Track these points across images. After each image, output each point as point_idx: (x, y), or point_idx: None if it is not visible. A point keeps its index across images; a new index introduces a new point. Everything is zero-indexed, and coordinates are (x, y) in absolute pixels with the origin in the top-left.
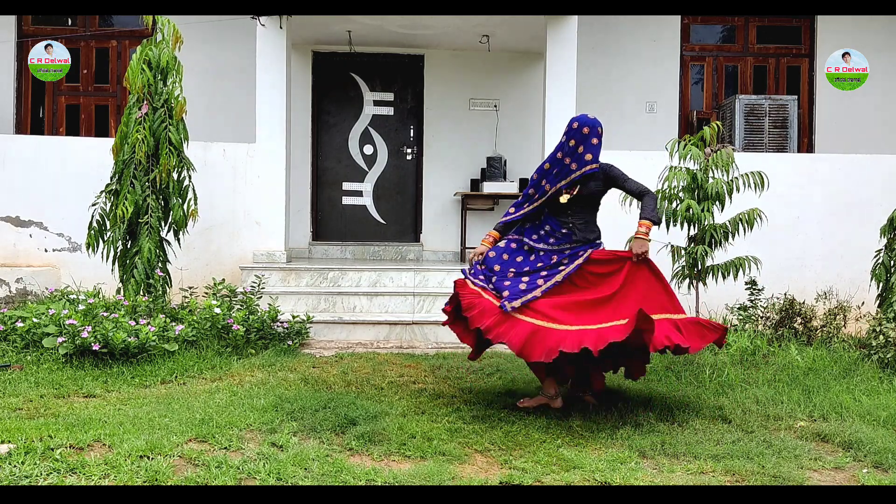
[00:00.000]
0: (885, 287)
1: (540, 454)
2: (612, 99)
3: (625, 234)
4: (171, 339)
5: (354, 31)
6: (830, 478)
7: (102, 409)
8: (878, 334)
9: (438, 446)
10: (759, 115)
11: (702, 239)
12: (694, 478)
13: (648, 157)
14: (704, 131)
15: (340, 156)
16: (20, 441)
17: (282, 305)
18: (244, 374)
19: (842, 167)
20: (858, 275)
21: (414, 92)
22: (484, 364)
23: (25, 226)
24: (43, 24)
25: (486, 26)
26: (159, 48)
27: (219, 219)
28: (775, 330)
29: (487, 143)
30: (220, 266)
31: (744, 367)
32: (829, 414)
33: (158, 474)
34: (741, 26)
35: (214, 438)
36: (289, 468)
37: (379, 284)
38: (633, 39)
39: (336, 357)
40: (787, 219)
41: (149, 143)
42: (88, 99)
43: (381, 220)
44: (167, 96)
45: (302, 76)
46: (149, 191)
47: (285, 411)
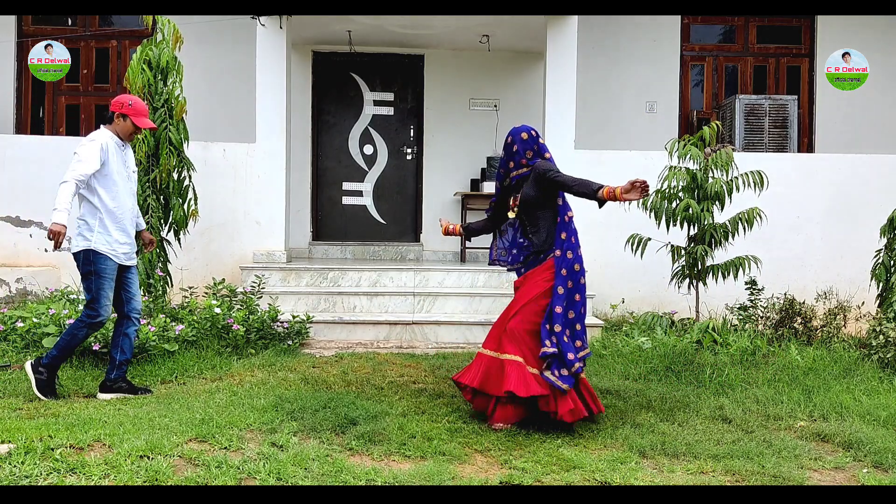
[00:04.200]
0: (885, 287)
1: (540, 454)
2: (612, 99)
3: (620, 232)
4: (171, 339)
5: (354, 31)
6: (830, 478)
7: (102, 409)
8: (878, 334)
9: (438, 446)
10: (759, 114)
11: (702, 238)
12: (694, 478)
13: (648, 156)
14: (704, 131)
15: (340, 156)
16: (20, 441)
17: (282, 305)
18: (244, 374)
19: (842, 167)
20: (858, 275)
21: (414, 92)
22: None
23: (25, 226)
24: (43, 24)
25: (486, 26)
26: (159, 48)
27: (219, 219)
28: (775, 330)
29: (487, 143)
30: (220, 266)
31: (744, 367)
32: (829, 414)
33: (158, 474)
34: (741, 26)
35: (214, 438)
36: (289, 468)
37: (379, 284)
38: (633, 39)
39: (336, 357)
40: (787, 219)
41: (149, 143)
42: (88, 99)
43: (381, 220)
44: (167, 96)
45: (302, 76)
46: (149, 191)
47: (285, 411)
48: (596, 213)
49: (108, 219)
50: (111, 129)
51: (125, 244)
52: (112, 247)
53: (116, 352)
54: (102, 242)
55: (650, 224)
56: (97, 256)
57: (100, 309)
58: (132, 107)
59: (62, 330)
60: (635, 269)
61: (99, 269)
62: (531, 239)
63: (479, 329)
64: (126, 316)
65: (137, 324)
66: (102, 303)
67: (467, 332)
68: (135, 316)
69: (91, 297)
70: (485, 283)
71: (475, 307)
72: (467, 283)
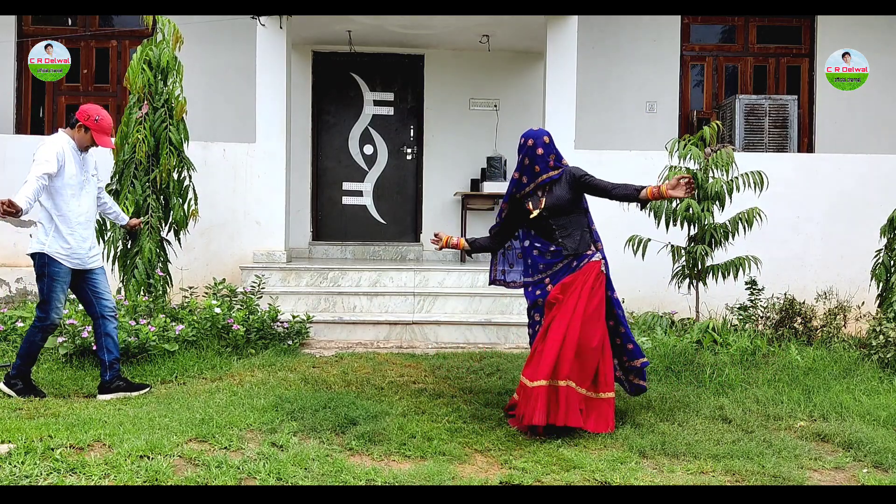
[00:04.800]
0: (885, 287)
1: (540, 454)
2: (612, 99)
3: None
4: (172, 339)
5: (354, 31)
6: (830, 478)
7: (102, 409)
8: (878, 334)
9: (438, 446)
10: (759, 114)
11: (702, 238)
12: (694, 478)
13: (648, 156)
14: (704, 131)
15: (340, 156)
16: (20, 441)
17: (282, 305)
18: (244, 374)
19: (842, 167)
20: (858, 275)
21: (414, 92)
22: (484, 364)
23: (25, 226)
24: (43, 24)
25: (486, 26)
26: (159, 48)
27: (219, 219)
28: (775, 330)
29: (487, 142)
30: (220, 266)
31: (744, 367)
32: (829, 414)
33: (158, 474)
34: (741, 26)
35: (214, 438)
36: (289, 468)
37: (379, 284)
38: (633, 39)
39: (336, 357)
40: (787, 219)
41: (149, 143)
42: (88, 99)
43: (381, 220)
44: (167, 96)
45: (302, 76)
46: (149, 191)
47: (285, 411)
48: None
49: (62, 224)
50: (70, 133)
51: (80, 248)
52: (65, 252)
53: (103, 353)
54: (55, 247)
55: (650, 224)
56: (50, 260)
57: (50, 312)
58: (97, 123)
59: (62, 330)
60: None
61: (51, 272)
62: (563, 243)
63: (479, 329)
64: (100, 316)
65: (114, 321)
66: (53, 305)
67: (467, 332)
68: (109, 314)
69: (42, 299)
70: (485, 283)
71: (475, 307)
72: (467, 283)
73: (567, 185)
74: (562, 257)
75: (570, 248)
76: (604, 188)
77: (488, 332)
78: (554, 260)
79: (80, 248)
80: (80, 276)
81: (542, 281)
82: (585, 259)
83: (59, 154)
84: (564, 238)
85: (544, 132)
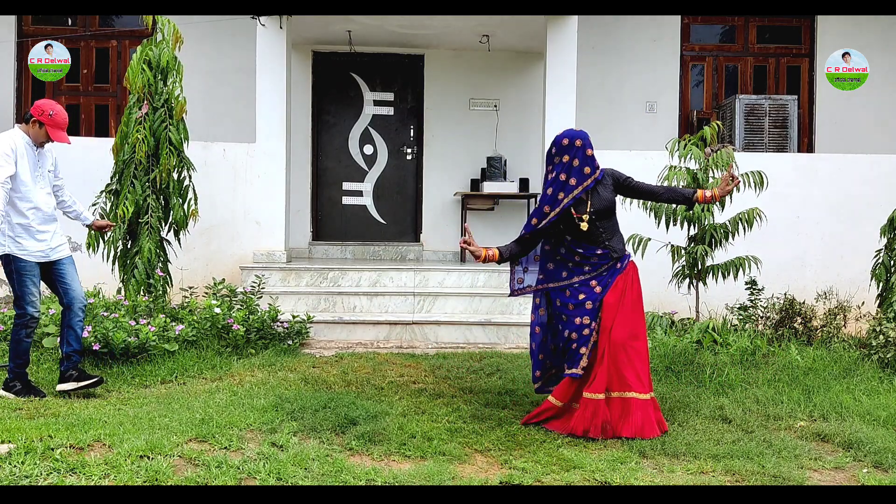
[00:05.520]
0: (885, 287)
1: (540, 454)
2: (612, 99)
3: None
4: (171, 339)
5: (354, 31)
6: (830, 478)
7: (102, 409)
8: (878, 334)
9: (438, 446)
10: (759, 114)
11: (702, 238)
12: (694, 478)
13: (648, 156)
14: (704, 131)
15: (340, 156)
16: (20, 441)
17: (282, 305)
18: (244, 373)
19: (842, 167)
20: (858, 275)
21: (414, 92)
22: (484, 364)
23: None
24: (43, 24)
25: (486, 26)
26: (159, 48)
27: (219, 219)
28: (775, 330)
29: (487, 142)
30: (220, 266)
31: (744, 367)
32: (829, 414)
33: (158, 474)
34: (741, 26)
35: (214, 438)
36: (289, 468)
37: (379, 284)
38: (633, 39)
39: (336, 357)
40: (787, 219)
41: (149, 143)
42: (88, 99)
43: (381, 220)
44: (167, 96)
45: (302, 76)
46: (149, 191)
47: (285, 411)
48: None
49: (18, 219)
50: (24, 129)
51: (40, 243)
52: (24, 248)
53: (63, 344)
54: (14, 245)
55: (650, 224)
56: (14, 257)
57: (26, 307)
58: (52, 118)
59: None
60: None
61: (17, 267)
62: (609, 245)
63: (479, 329)
64: (68, 307)
65: (81, 314)
66: (28, 299)
67: (467, 332)
68: (78, 306)
69: (15, 296)
70: (485, 283)
71: (475, 307)
72: (467, 283)
73: (611, 187)
74: (608, 259)
75: (618, 249)
76: (650, 192)
77: (488, 332)
78: (602, 262)
79: (41, 242)
80: (48, 267)
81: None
82: (627, 259)
83: (13, 151)
84: (610, 240)
85: (586, 132)
